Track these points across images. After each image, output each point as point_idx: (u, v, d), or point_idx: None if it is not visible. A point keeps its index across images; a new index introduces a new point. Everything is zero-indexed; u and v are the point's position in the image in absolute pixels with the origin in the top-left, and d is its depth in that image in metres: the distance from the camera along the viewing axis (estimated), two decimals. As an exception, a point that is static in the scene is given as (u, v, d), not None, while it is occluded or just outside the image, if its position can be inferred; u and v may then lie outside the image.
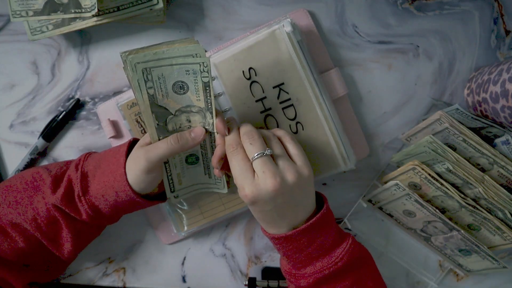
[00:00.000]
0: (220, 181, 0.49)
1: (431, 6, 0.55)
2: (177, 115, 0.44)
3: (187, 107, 0.43)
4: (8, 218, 0.45)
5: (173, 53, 0.39)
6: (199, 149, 0.47)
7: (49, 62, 0.56)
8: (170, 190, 0.48)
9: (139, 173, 0.43)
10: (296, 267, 0.45)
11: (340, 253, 0.43)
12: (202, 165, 0.48)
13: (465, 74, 0.56)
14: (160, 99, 0.42)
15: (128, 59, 0.39)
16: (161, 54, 0.39)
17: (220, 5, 0.55)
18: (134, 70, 0.39)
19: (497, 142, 0.48)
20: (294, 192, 0.41)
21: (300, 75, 0.49)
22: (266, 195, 0.40)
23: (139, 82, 0.40)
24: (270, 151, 0.41)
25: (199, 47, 0.39)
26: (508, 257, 0.54)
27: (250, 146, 0.41)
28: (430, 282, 0.56)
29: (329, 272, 0.42)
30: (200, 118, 0.44)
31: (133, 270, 0.58)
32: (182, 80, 0.41)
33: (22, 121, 0.57)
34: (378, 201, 0.54)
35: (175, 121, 0.44)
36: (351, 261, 0.43)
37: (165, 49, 0.39)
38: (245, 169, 0.41)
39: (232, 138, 0.43)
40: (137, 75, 0.40)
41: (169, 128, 0.44)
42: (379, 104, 0.56)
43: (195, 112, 0.44)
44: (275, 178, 0.40)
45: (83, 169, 0.46)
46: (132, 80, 0.40)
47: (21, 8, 0.51)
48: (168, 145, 0.43)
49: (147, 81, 0.40)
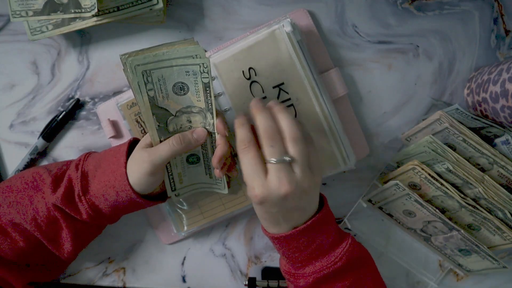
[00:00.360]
0: (221, 182, 0.49)
1: (431, 6, 0.55)
2: (178, 116, 0.44)
3: (188, 107, 0.43)
4: (8, 218, 0.45)
5: (173, 54, 0.39)
6: (200, 149, 0.47)
7: (49, 62, 0.56)
8: (171, 188, 0.48)
9: (142, 176, 0.43)
10: (295, 267, 0.45)
11: (339, 253, 0.43)
12: (203, 165, 0.48)
13: (465, 74, 0.56)
14: (160, 100, 0.42)
15: (128, 61, 0.39)
16: (161, 56, 0.39)
17: (220, 5, 0.55)
18: (134, 73, 0.39)
19: (497, 142, 0.48)
20: (303, 198, 0.40)
21: (300, 75, 0.49)
22: (277, 198, 0.39)
23: (139, 84, 0.40)
24: (290, 159, 0.38)
25: (199, 48, 0.39)
26: (508, 257, 0.54)
27: (271, 148, 0.39)
28: (430, 282, 0.56)
29: (328, 272, 0.42)
30: (201, 119, 0.44)
31: (133, 270, 0.58)
32: (182, 81, 0.41)
33: (22, 121, 0.57)
34: (378, 201, 0.54)
35: (176, 122, 0.44)
36: (351, 261, 0.43)
37: (165, 50, 0.39)
38: (258, 169, 0.39)
39: (244, 134, 0.40)
40: (137, 78, 0.40)
41: (170, 129, 0.44)
42: (379, 104, 0.56)
43: (195, 113, 0.44)
44: (290, 185, 0.38)
45: (83, 168, 0.46)
46: (132, 82, 0.40)
47: (21, 8, 0.51)
48: (171, 147, 0.43)
49: (147, 83, 0.40)
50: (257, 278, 0.55)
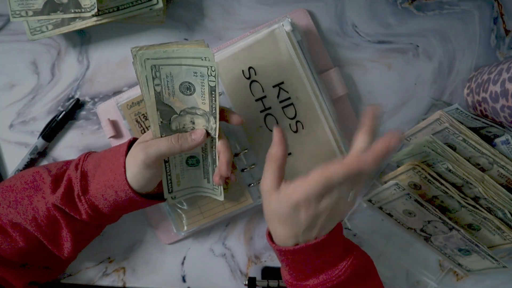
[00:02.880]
0: (218, 188, 0.49)
1: (431, 6, 0.55)
2: (182, 115, 0.44)
3: (192, 108, 0.43)
4: (8, 217, 0.45)
5: (182, 53, 0.40)
6: (200, 152, 0.47)
7: (49, 62, 0.56)
8: (168, 190, 0.48)
9: (137, 168, 0.43)
10: (298, 278, 0.44)
11: (344, 266, 0.42)
12: (201, 169, 0.48)
13: (465, 73, 0.56)
14: (166, 97, 0.42)
15: (138, 54, 0.39)
16: (171, 53, 0.40)
17: (220, 5, 0.55)
18: (143, 66, 0.40)
19: (497, 142, 0.48)
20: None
21: (299, 74, 0.49)
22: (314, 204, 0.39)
23: (147, 78, 0.40)
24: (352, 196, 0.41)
25: (208, 51, 0.39)
26: (508, 257, 0.54)
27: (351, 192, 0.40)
28: (430, 282, 0.56)
29: (332, 285, 0.41)
30: (204, 122, 0.44)
31: (133, 270, 0.58)
32: (190, 81, 0.42)
33: (22, 121, 0.57)
34: (378, 201, 0.54)
35: (179, 121, 0.44)
36: (355, 274, 0.42)
37: (175, 48, 0.39)
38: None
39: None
40: (146, 71, 0.40)
41: (172, 127, 0.44)
42: (379, 104, 0.56)
43: (199, 115, 0.44)
44: None
45: (82, 168, 0.46)
46: (140, 75, 0.40)
47: (20, 8, 0.51)
48: (168, 143, 0.43)
49: (155, 78, 0.41)
50: (257, 278, 0.55)
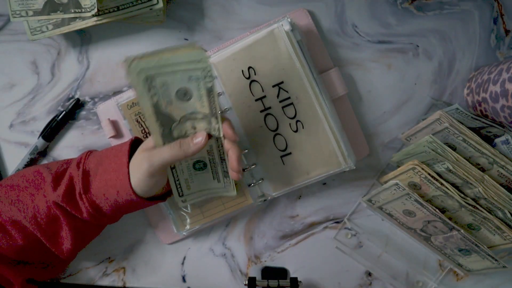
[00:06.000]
0: (230, 185, 0.48)
1: (431, 6, 0.55)
2: (182, 122, 0.43)
3: (192, 113, 0.43)
4: (9, 215, 0.45)
5: (176, 59, 0.39)
6: (206, 155, 0.46)
7: (49, 62, 0.56)
8: (179, 194, 0.48)
9: (141, 176, 0.43)
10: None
11: None
12: (210, 171, 0.48)
13: (465, 73, 0.56)
14: (164, 106, 0.41)
15: (131, 66, 0.38)
16: (164, 61, 0.39)
17: (220, 5, 0.55)
18: (137, 78, 0.39)
19: (497, 142, 0.48)
20: None
21: (299, 73, 0.49)
22: None
23: (142, 89, 0.40)
24: None
25: (201, 53, 0.39)
26: (508, 257, 0.54)
27: None
28: (430, 282, 0.56)
29: None
30: (205, 125, 0.43)
31: (133, 270, 0.58)
32: (186, 86, 0.41)
33: (22, 121, 0.57)
34: (378, 201, 0.54)
35: (181, 128, 0.43)
36: None
37: (168, 56, 0.39)
38: None
39: None
40: (141, 83, 0.39)
41: (174, 135, 0.44)
42: (379, 103, 0.56)
43: (200, 119, 0.43)
44: None
45: (84, 167, 0.46)
46: (135, 87, 0.40)
47: (21, 8, 0.51)
48: (171, 151, 0.42)
49: (151, 89, 0.40)
50: (257, 278, 0.55)
